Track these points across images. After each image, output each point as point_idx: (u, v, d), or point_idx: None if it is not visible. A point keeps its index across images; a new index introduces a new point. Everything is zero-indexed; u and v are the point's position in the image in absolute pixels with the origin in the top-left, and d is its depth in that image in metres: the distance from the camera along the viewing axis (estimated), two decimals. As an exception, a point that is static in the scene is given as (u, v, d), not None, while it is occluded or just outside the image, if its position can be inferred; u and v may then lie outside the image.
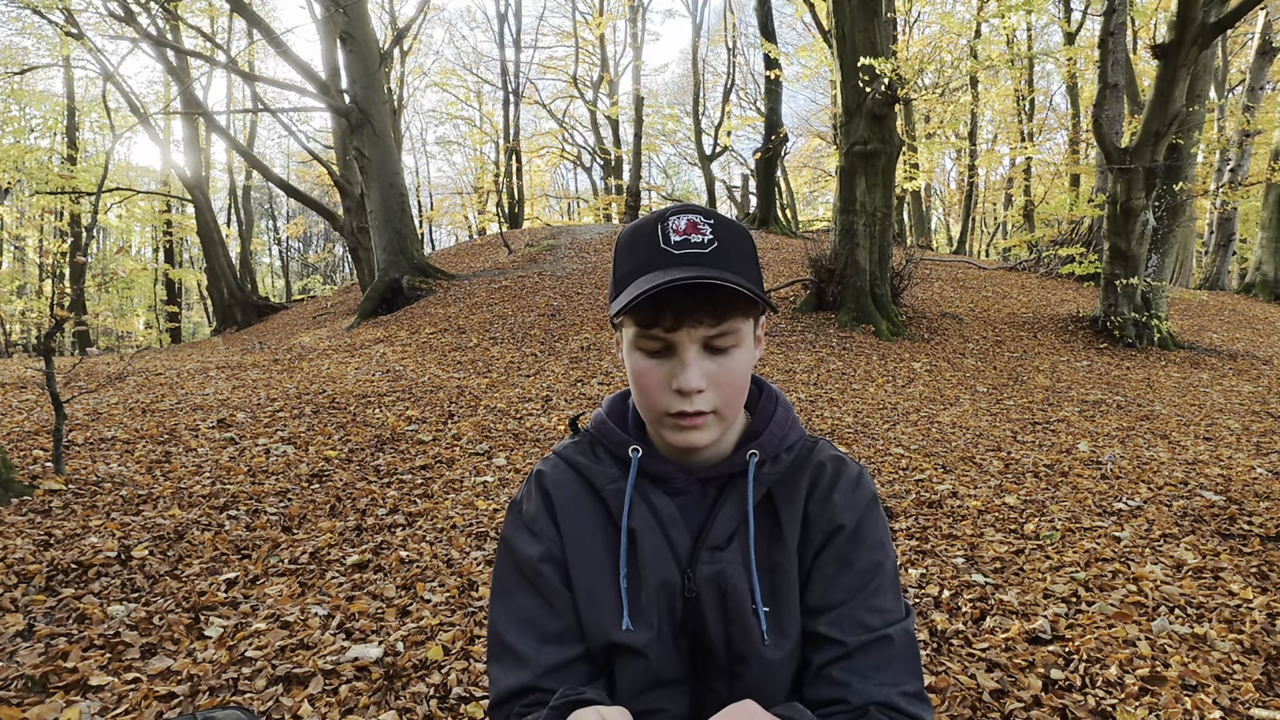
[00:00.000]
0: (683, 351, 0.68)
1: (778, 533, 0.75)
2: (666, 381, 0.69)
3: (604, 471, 0.77)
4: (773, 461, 0.76)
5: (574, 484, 0.78)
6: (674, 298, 0.66)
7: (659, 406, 0.70)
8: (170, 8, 12.99)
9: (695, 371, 0.68)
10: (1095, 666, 2.09)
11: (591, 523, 0.76)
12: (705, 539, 0.74)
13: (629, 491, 0.74)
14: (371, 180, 10.52)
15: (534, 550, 0.75)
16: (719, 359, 0.69)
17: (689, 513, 0.75)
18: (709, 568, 0.72)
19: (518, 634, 0.73)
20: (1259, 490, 3.54)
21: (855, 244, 8.69)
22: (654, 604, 0.73)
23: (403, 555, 2.90)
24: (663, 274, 0.66)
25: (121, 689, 1.97)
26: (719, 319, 0.68)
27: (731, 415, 0.72)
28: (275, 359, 7.87)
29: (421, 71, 25.70)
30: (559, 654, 0.72)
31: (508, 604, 0.75)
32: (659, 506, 0.75)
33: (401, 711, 1.94)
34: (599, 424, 0.80)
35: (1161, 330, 8.34)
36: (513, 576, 0.76)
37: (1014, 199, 23.76)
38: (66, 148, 17.50)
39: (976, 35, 16.15)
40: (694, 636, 0.74)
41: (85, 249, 8.74)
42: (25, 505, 3.18)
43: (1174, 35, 7.09)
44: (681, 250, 0.67)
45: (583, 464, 0.78)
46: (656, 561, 0.73)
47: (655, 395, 0.70)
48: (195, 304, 28.42)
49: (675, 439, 0.71)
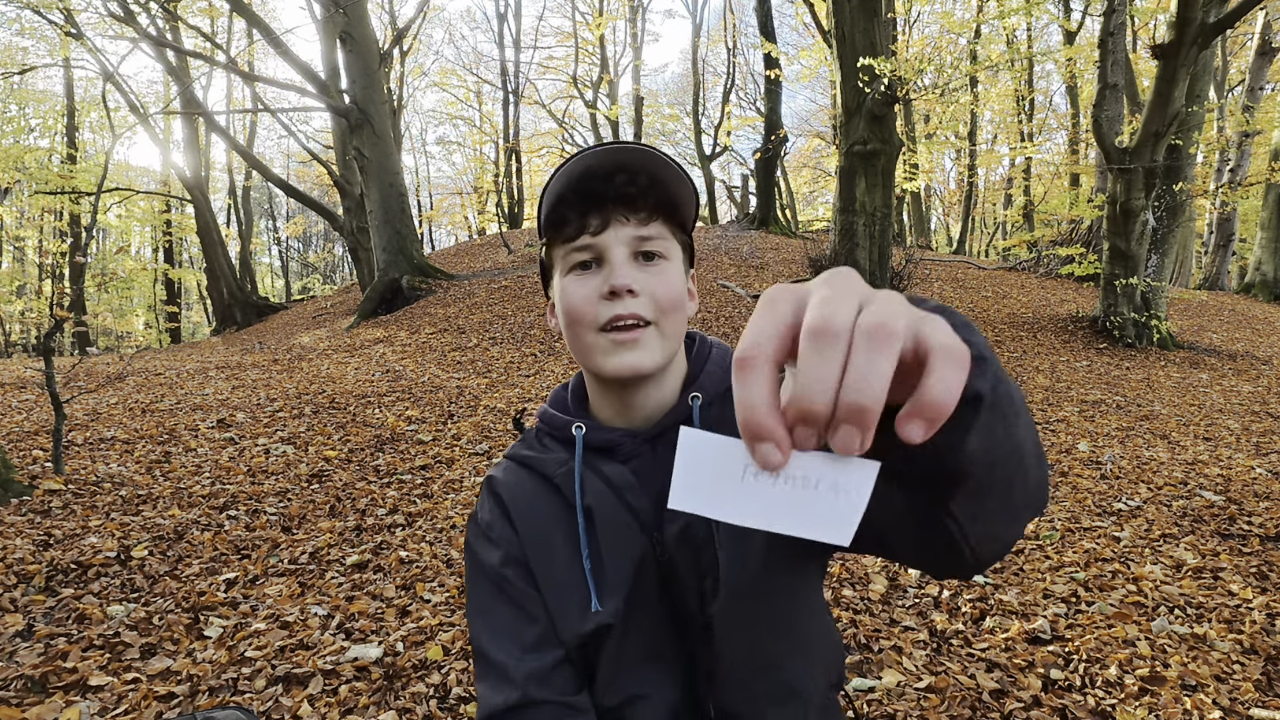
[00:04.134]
0: (611, 253, 0.67)
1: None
2: (597, 292, 0.67)
3: (552, 458, 0.75)
4: (720, 402, 0.73)
5: (526, 480, 0.76)
6: (596, 192, 0.67)
7: (592, 321, 0.68)
8: (170, 8, 12.99)
9: (625, 269, 0.67)
10: (1095, 666, 2.09)
11: (548, 514, 0.74)
12: (666, 498, 0.69)
13: (578, 469, 0.72)
14: (371, 180, 10.51)
15: (494, 557, 0.74)
16: (650, 267, 0.68)
17: (646, 476, 0.72)
18: (674, 526, 0.70)
19: (497, 646, 0.71)
20: (1259, 490, 3.54)
21: (855, 244, 8.69)
22: (626, 577, 0.70)
23: (402, 555, 2.90)
24: (579, 161, 0.66)
25: (121, 689, 1.97)
26: (647, 218, 0.68)
27: (671, 337, 0.70)
28: (275, 359, 7.87)
29: (421, 71, 25.72)
30: (541, 660, 0.70)
31: (483, 618, 0.74)
32: (612, 476, 0.72)
33: (401, 711, 1.94)
34: (542, 414, 0.79)
35: (1161, 330, 8.34)
36: (483, 588, 0.74)
37: (1014, 199, 23.76)
38: (66, 148, 17.50)
39: (976, 36, 16.15)
40: (674, 603, 0.70)
41: (85, 249, 8.73)
42: (25, 505, 3.17)
43: (1174, 35, 7.09)
44: (614, 143, 0.67)
45: (531, 457, 0.76)
46: (621, 532, 0.70)
47: (586, 309, 0.68)
48: (195, 304, 28.42)
49: (614, 362, 0.68)
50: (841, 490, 0.34)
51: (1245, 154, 14.97)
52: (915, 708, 1.94)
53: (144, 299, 23.34)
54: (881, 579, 2.70)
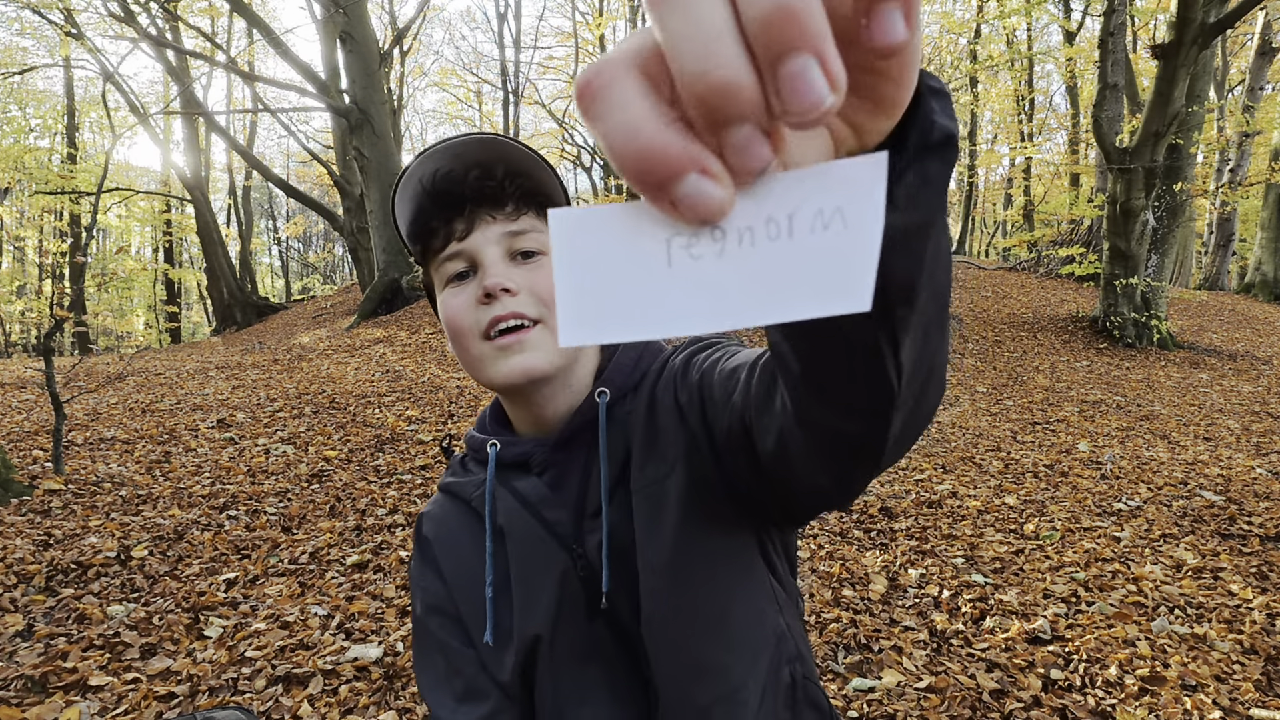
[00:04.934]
0: (483, 255, 0.63)
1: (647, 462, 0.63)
2: (473, 298, 0.63)
3: (470, 481, 0.71)
4: (633, 394, 0.67)
5: (449, 511, 0.73)
6: (454, 193, 0.63)
7: (473, 329, 0.63)
8: (170, 8, 12.99)
9: (499, 267, 0.62)
10: (1095, 666, 2.09)
11: (470, 543, 0.69)
12: (585, 507, 0.65)
13: (488, 488, 0.67)
14: (371, 180, 10.52)
15: (418, 606, 0.71)
16: (528, 264, 0.64)
17: (563, 487, 0.67)
18: (594, 537, 0.64)
19: (433, 696, 0.69)
20: (1259, 490, 3.54)
21: (855, 244, 8.69)
22: (551, 597, 0.64)
23: (402, 555, 2.90)
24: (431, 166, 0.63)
25: (121, 689, 1.97)
26: (515, 213, 0.64)
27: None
28: (275, 359, 7.87)
29: (421, 71, 25.73)
30: (471, 714, 0.67)
31: (421, 663, 0.72)
32: (524, 491, 0.67)
33: (401, 711, 1.94)
34: (467, 438, 0.75)
35: (1161, 330, 8.34)
36: (418, 636, 0.72)
37: (1014, 199, 23.77)
38: (66, 147, 17.51)
39: (976, 36, 16.15)
40: (609, 620, 0.64)
41: (85, 249, 8.73)
42: (25, 505, 3.18)
43: (1174, 35, 7.09)
44: (446, 142, 0.63)
45: (454, 483, 0.73)
46: (537, 549, 0.65)
47: (464, 318, 0.63)
48: (195, 304, 28.43)
49: (504, 369, 0.62)
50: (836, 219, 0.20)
51: (1245, 154, 14.97)
52: (915, 708, 1.94)
53: (144, 299, 23.35)
54: (881, 579, 2.70)
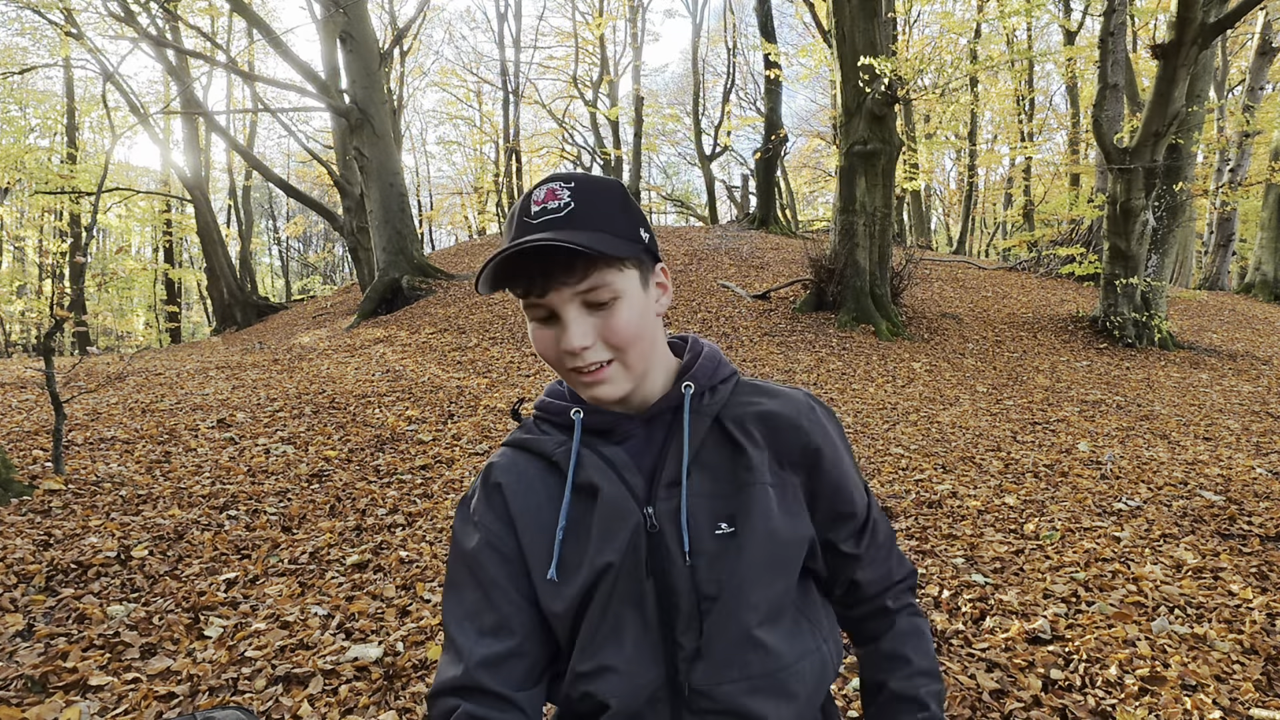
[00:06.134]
0: (561, 312, 0.71)
1: (739, 455, 0.76)
2: (557, 343, 0.72)
3: (551, 439, 0.79)
4: (710, 393, 0.79)
5: (524, 463, 0.80)
6: (530, 264, 0.70)
7: (561, 366, 0.73)
8: (170, 8, 12.99)
9: (575, 330, 0.71)
10: (1095, 666, 2.09)
11: (545, 494, 0.78)
12: (660, 476, 0.76)
13: (575, 447, 0.77)
14: (371, 180, 10.52)
15: (472, 542, 0.77)
16: (600, 313, 0.72)
17: (640, 456, 0.78)
18: (666, 504, 0.74)
19: (458, 626, 0.76)
20: (1259, 490, 3.54)
21: (855, 244, 8.69)
22: (621, 544, 0.73)
23: (403, 555, 2.90)
24: (519, 240, 0.69)
25: (121, 689, 1.97)
26: (583, 275, 0.70)
27: (637, 363, 0.74)
28: (275, 359, 7.87)
29: (421, 71, 25.72)
30: (493, 647, 0.73)
31: (454, 596, 0.78)
32: (610, 455, 0.77)
33: (401, 711, 1.94)
34: (539, 404, 0.83)
35: (1161, 330, 8.34)
36: (457, 570, 0.79)
37: (1014, 199, 23.77)
38: (66, 147, 17.50)
39: (976, 36, 16.15)
40: (659, 579, 0.74)
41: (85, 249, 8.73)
42: (25, 505, 3.18)
43: (1174, 35, 7.09)
44: (539, 219, 0.70)
45: (530, 440, 0.81)
46: (619, 504, 0.74)
47: (552, 357, 0.73)
48: (195, 304, 28.43)
49: (586, 394, 0.75)
50: None
51: (1245, 154, 14.98)
52: (915, 708, 1.94)
53: (144, 299, 23.36)
54: (881, 579, 2.70)
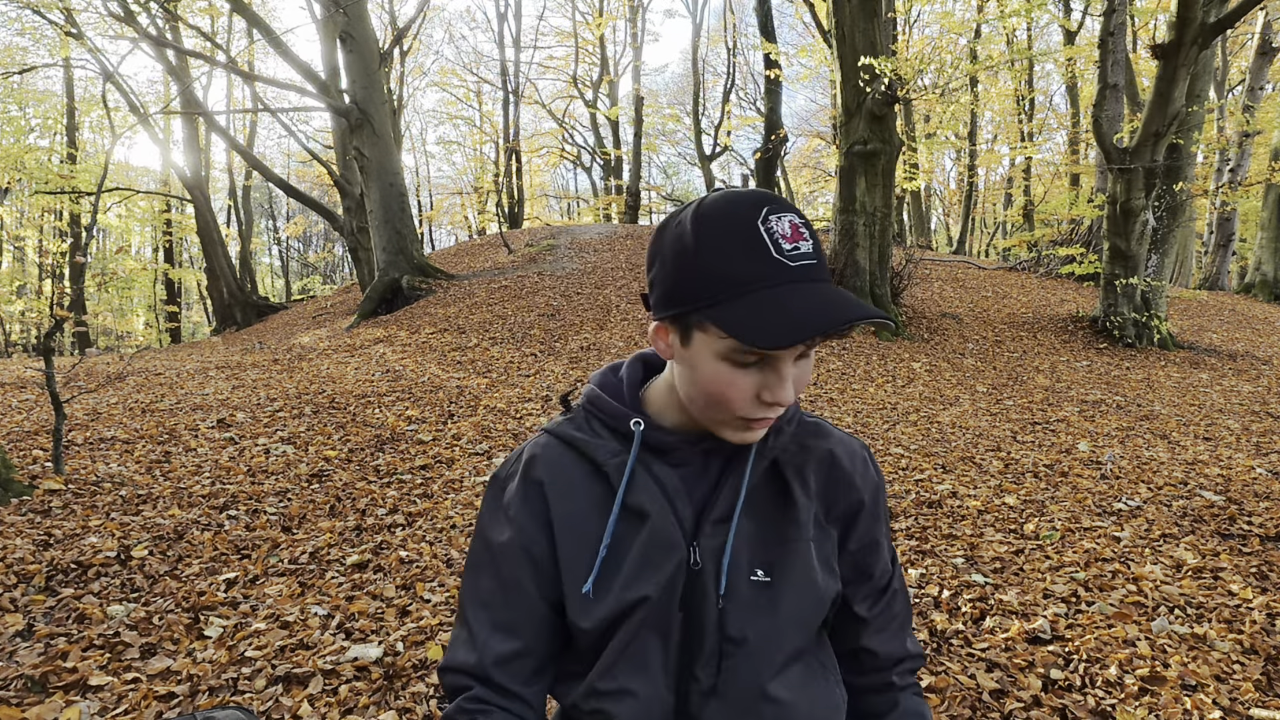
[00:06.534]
0: (783, 366, 0.65)
1: (789, 505, 0.74)
2: (754, 392, 0.65)
3: (604, 445, 0.75)
4: (776, 434, 0.75)
5: (570, 463, 0.76)
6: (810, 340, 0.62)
7: (736, 413, 0.66)
8: (170, 8, 12.99)
9: (792, 386, 0.66)
10: (1095, 666, 2.09)
11: (587, 501, 0.74)
12: (710, 512, 0.72)
13: (630, 464, 0.72)
14: (371, 180, 10.52)
15: (503, 536, 0.75)
16: (801, 362, 0.67)
17: (692, 484, 0.74)
18: (712, 540, 0.72)
19: (475, 611, 0.75)
20: (1259, 490, 3.54)
21: (855, 244, 8.69)
22: (662, 577, 0.71)
23: (402, 555, 2.90)
24: (794, 292, 0.61)
25: (121, 689, 1.97)
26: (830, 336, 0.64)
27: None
28: (275, 359, 7.87)
29: (421, 71, 25.72)
30: (505, 644, 0.73)
31: (473, 579, 0.77)
32: (663, 478, 0.73)
33: (401, 711, 1.94)
34: (594, 399, 0.78)
35: (1161, 330, 8.34)
36: (481, 554, 0.77)
37: (1014, 199, 23.77)
38: (66, 147, 17.50)
39: (976, 36, 16.15)
40: (690, 611, 0.72)
41: (85, 249, 8.73)
42: (25, 505, 3.18)
43: (1174, 35, 7.09)
44: (798, 263, 0.62)
45: (580, 439, 0.76)
46: (665, 534, 0.72)
47: (737, 405, 0.66)
48: (195, 304, 28.43)
49: (736, 438, 0.69)
50: None
51: (1245, 154, 14.98)
52: (915, 708, 1.94)
53: (144, 299, 23.36)
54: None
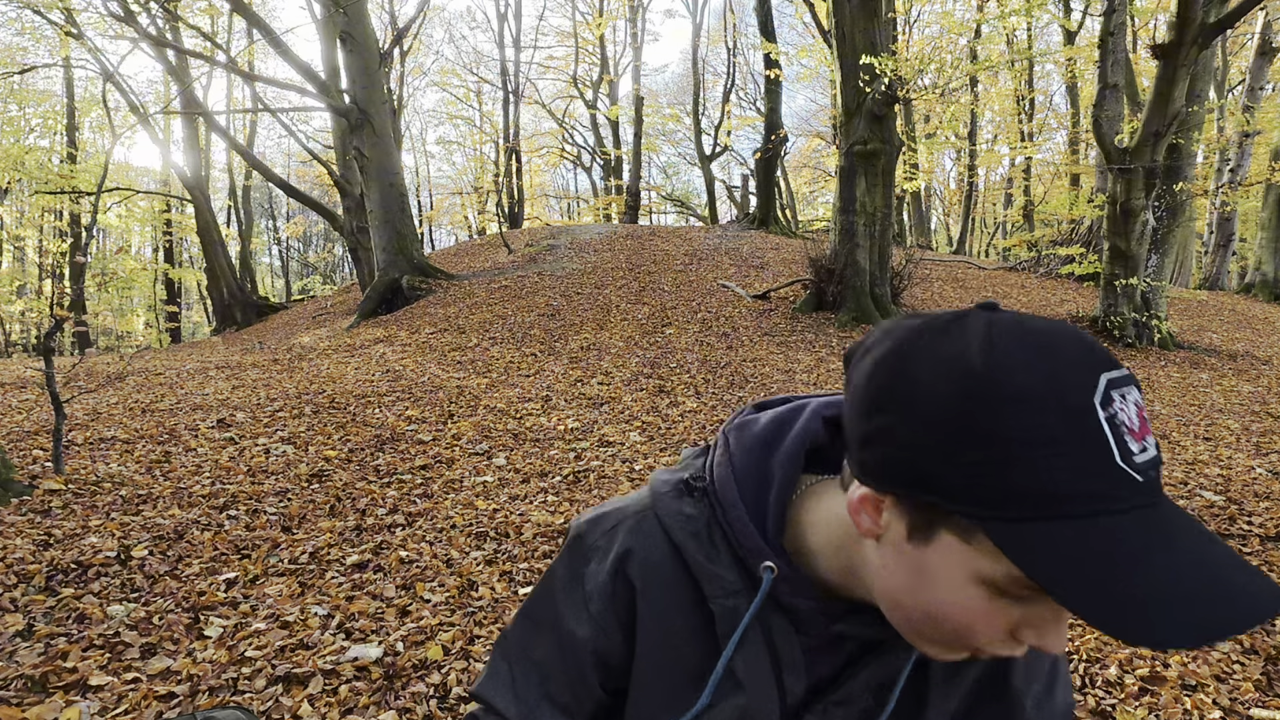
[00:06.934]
0: (1060, 616, 0.47)
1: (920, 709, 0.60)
2: (1009, 628, 0.48)
3: (719, 578, 0.59)
4: None
5: (673, 575, 0.61)
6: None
7: (973, 645, 0.49)
8: (170, 8, 13.00)
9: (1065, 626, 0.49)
10: (1095, 666, 2.09)
11: (683, 625, 0.61)
12: (829, 694, 0.59)
13: (745, 621, 0.57)
14: (371, 180, 10.52)
15: (581, 631, 0.64)
16: None
17: (813, 656, 0.59)
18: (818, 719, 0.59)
19: (526, 670, 0.66)
20: (1259, 490, 3.54)
21: (855, 244, 8.69)
22: None
23: (402, 555, 2.90)
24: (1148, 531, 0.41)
25: (121, 689, 1.97)
26: None
27: None
28: (275, 359, 7.87)
29: (421, 71, 25.74)
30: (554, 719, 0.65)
31: (533, 637, 0.67)
32: (780, 648, 0.58)
33: (401, 711, 1.94)
34: (726, 500, 0.60)
35: (1161, 330, 8.34)
36: (549, 625, 0.66)
37: (1014, 199, 23.77)
38: (66, 147, 17.51)
39: (976, 35, 16.15)
40: None
41: (85, 249, 8.74)
42: (25, 505, 3.18)
43: (1174, 35, 7.09)
44: (1146, 472, 0.43)
45: (693, 557, 0.60)
46: (760, 705, 0.59)
47: (981, 638, 0.48)
48: (195, 304, 28.43)
49: (938, 656, 0.53)
50: None
51: (1245, 154, 14.98)
52: (915, 708, 1.94)
53: (144, 299, 23.37)
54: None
